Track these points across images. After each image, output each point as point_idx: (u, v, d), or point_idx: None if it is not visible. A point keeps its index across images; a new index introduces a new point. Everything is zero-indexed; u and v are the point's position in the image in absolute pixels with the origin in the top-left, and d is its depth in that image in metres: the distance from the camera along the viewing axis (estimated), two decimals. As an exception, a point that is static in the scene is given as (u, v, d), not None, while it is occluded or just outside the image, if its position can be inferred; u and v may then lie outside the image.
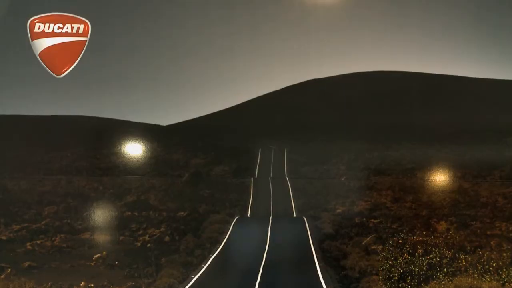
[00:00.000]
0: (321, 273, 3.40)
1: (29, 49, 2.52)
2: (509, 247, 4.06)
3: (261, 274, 3.39)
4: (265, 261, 3.97)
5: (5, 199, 5.74)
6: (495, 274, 2.70)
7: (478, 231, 5.41)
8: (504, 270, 2.77)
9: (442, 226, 4.88)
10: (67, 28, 2.48)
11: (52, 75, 2.57)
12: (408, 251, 2.94)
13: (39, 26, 2.46)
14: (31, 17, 2.50)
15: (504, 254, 3.00)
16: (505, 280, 2.72)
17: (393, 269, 2.85)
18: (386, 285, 2.84)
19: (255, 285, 2.93)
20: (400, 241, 3.12)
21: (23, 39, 2.56)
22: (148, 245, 4.29)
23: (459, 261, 2.82)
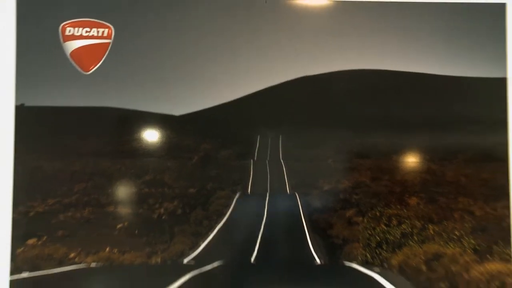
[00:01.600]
0: (310, 240, 3.35)
1: (61, 49, 2.64)
2: (469, 219, 4.08)
3: (260, 240, 3.35)
4: (263, 229, 3.95)
5: (42, 178, 5.79)
6: (458, 242, 2.73)
7: (444, 205, 5.38)
8: (466, 238, 2.79)
9: (413, 201, 4.86)
10: (93, 31, 2.59)
11: (81, 72, 2.68)
12: (384, 222, 2.95)
13: (70, 30, 2.56)
14: (62, 22, 2.60)
15: (466, 225, 3.01)
16: (466, 247, 2.75)
17: (371, 237, 2.87)
18: (365, 250, 2.86)
19: (254, 249, 2.90)
20: (377, 214, 3.12)
21: (56, 41, 2.67)
22: (163, 217, 4.25)
23: (428, 230, 2.83)
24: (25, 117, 2.68)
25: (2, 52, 2.68)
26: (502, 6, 2.79)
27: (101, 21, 2.71)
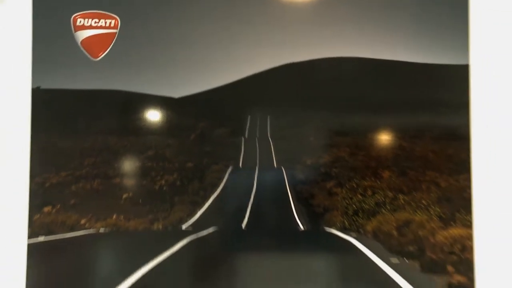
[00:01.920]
0: (295, 208, 3.34)
1: (73, 38, 2.66)
2: (436, 189, 4.10)
3: (250, 208, 3.33)
4: (252, 199, 3.93)
5: (56, 153, 5.76)
6: (425, 210, 2.74)
7: (413, 178, 5.40)
8: (432, 207, 2.81)
9: (386, 174, 4.86)
10: (101, 22, 2.61)
11: (91, 59, 2.69)
12: (360, 193, 2.94)
13: (80, 21, 2.58)
14: (74, 14, 2.63)
15: (432, 195, 3.02)
16: (432, 214, 2.77)
17: (349, 206, 2.86)
18: (343, 218, 2.86)
19: (245, 217, 2.89)
20: (354, 185, 3.11)
21: (68, 31, 2.69)
22: (164, 188, 4.23)
23: (398, 200, 2.84)
24: (41, 98, 2.69)
25: (20, 41, 2.68)
26: (466, -2, 2.84)
27: (108, 13, 2.74)
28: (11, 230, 2.60)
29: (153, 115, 2.81)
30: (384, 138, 2.90)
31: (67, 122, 2.80)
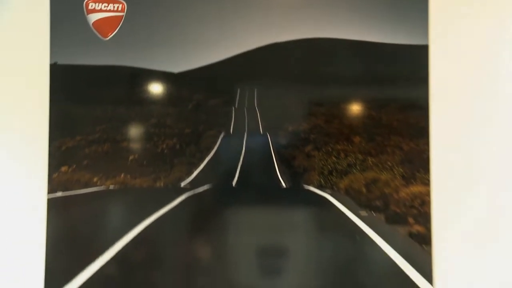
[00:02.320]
0: (278, 169, 3.35)
1: (85, 20, 2.66)
2: (399, 152, 4.11)
3: (239, 168, 3.32)
4: (241, 161, 3.90)
5: (71, 120, 5.74)
6: (390, 170, 2.76)
7: (380, 142, 5.40)
8: (396, 167, 2.84)
9: (357, 139, 4.85)
10: (110, 6, 2.59)
11: (101, 38, 2.68)
12: (335, 155, 2.94)
13: (91, 5, 2.57)
14: None
15: (396, 157, 3.04)
16: (396, 174, 2.81)
17: (324, 167, 2.87)
18: (320, 177, 2.88)
19: (235, 176, 2.89)
20: (329, 149, 3.11)
21: (82, 14, 2.68)
22: (165, 151, 4.19)
23: (367, 162, 2.85)
24: (58, 73, 2.75)
25: (39, 23, 2.68)
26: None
27: (116, -2, 2.76)
28: (33, 187, 2.65)
29: (156, 88, 2.80)
30: (355, 108, 2.90)
31: (81, 93, 2.79)
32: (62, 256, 2.67)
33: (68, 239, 2.69)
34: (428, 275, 2.72)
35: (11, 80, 2.69)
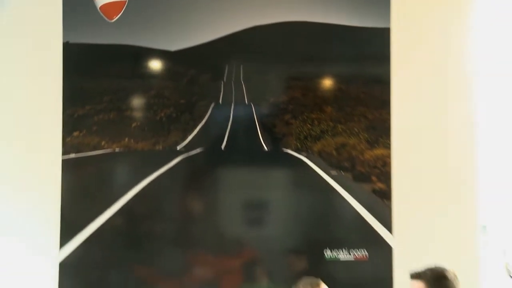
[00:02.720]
0: (261, 134, 3.36)
1: (94, 5, 2.73)
2: (365, 121, 4.09)
3: (227, 134, 3.34)
4: (229, 127, 3.90)
5: (82, 92, 5.63)
6: (357, 136, 2.82)
7: (348, 112, 5.35)
8: (362, 133, 2.89)
9: (328, 109, 4.79)
10: None
11: (107, 20, 2.74)
12: (309, 123, 2.97)
13: None
14: None
15: (362, 124, 3.06)
16: (362, 139, 2.87)
17: (300, 133, 2.90)
18: (297, 141, 2.90)
19: (224, 140, 2.93)
20: (305, 117, 3.13)
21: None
22: (163, 119, 4.16)
23: (337, 128, 2.89)
24: (70, 51, 2.77)
25: (53, 7, 2.76)
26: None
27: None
28: (49, 150, 2.71)
29: (155, 64, 2.99)
30: (327, 82, 3.00)
31: (90, 69, 2.97)
32: (75, 209, 2.73)
33: (80, 194, 2.74)
34: (388, 225, 2.84)
35: (29, 57, 2.73)
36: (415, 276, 2.13)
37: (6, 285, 2.57)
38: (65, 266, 2.63)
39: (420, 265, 2.00)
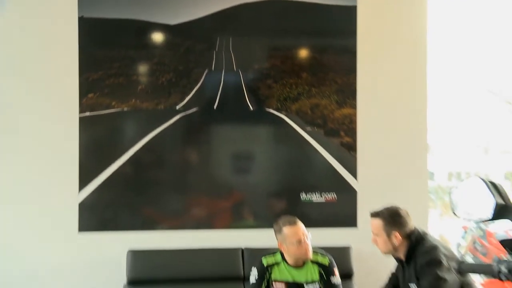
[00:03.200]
0: (247, 96, 3.49)
1: None
2: (335, 84, 4.22)
3: (219, 96, 3.44)
4: (220, 90, 4.00)
5: (95, 59, 5.64)
6: (328, 97, 2.98)
7: (321, 77, 5.43)
8: (332, 95, 3.06)
9: (304, 75, 4.94)
10: None
11: None
12: (288, 87, 3.13)
13: None
14: None
15: (332, 88, 3.23)
16: (332, 100, 3.04)
17: (280, 95, 3.08)
18: (277, 102, 3.08)
19: (216, 101, 3.04)
20: (284, 82, 3.29)
21: None
22: (164, 83, 4.25)
23: (311, 91, 3.05)
24: (84, 24, 2.92)
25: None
26: None
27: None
28: (68, 109, 2.93)
29: (157, 36, 3.07)
30: (303, 52, 3.23)
31: (102, 40, 3.08)
32: (91, 158, 2.95)
33: (95, 146, 2.97)
34: (353, 173, 3.14)
35: (50, 31, 2.94)
36: (374, 214, 2.27)
37: (37, 222, 2.84)
38: (83, 206, 2.88)
39: (379, 205, 2.21)
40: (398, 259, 2.35)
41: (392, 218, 2.26)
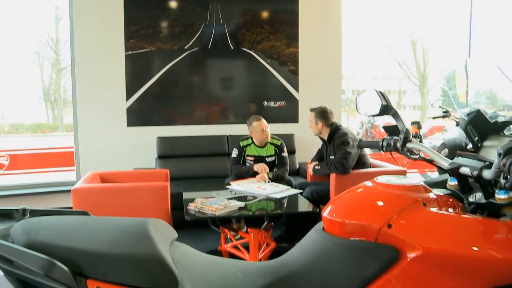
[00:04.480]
0: (229, 39, 3.76)
1: None
2: (284, 33, 4.78)
3: (211, 40, 3.66)
4: (212, 35, 4.30)
5: (134, 17, 5.98)
6: (280, 41, 2.88)
7: (277, 28, 6.06)
8: (283, 40, 2.98)
9: (266, 27, 5.65)
10: None
11: None
12: (256, 34, 3.36)
13: None
14: None
15: (283, 34, 3.53)
16: (283, 42, 2.96)
17: (250, 39, 2.74)
18: (248, 44, 3.26)
19: (210, 42, 3.08)
20: (253, 31, 3.68)
21: None
22: (177, 32, 4.80)
23: (270, 37, 3.10)
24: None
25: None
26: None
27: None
28: (118, 49, 4.25)
29: (172, 3, 4.35)
30: (265, 12, 4.58)
31: (138, 3, 4.24)
32: (132, 80, 4.40)
33: (134, 72, 4.41)
34: (296, 88, 4.67)
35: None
36: (312, 109, 3.36)
37: (103, 118, 4.19)
38: (129, 110, 4.24)
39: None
40: (323, 140, 3.39)
41: (321, 113, 3.31)
